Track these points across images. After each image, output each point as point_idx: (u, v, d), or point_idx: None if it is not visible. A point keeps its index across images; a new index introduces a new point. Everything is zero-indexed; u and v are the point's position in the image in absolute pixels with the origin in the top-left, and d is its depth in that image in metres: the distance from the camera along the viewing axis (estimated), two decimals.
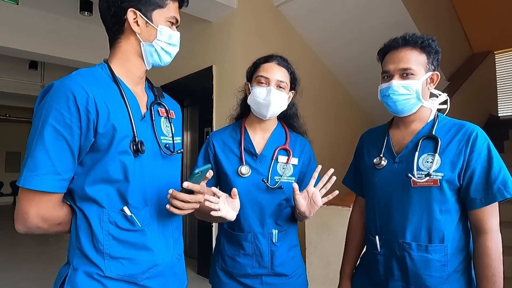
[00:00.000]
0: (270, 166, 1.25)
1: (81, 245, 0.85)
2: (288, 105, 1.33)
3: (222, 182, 1.32)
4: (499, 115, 5.89)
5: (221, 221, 1.24)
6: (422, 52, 1.07)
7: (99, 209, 0.86)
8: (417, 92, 1.06)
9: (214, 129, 3.54)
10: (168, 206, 0.89)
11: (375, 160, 1.16)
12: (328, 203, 2.52)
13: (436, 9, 4.46)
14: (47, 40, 4.74)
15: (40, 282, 3.56)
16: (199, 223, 3.78)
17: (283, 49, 3.78)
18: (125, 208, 0.87)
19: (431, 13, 4.21)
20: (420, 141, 1.07)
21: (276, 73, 1.24)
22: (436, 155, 1.03)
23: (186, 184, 0.86)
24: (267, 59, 1.29)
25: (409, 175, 1.04)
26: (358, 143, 1.33)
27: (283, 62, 1.28)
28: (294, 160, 1.29)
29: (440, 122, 1.10)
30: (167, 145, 0.99)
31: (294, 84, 1.32)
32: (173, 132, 1.03)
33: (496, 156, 1.01)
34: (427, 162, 1.04)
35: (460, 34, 5.39)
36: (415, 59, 1.06)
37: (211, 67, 3.60)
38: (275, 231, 1.24)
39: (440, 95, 1.14)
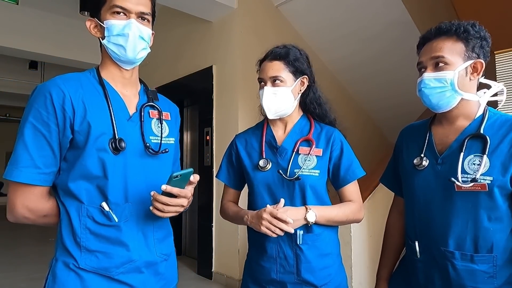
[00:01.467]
0: (290, 159, 1.17)
1: (62, 238, 0.90)
2: (305, 93, 1.25)
3: (246, 180, 1.28)
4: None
5: (241, 224, 1.19)
6: (458, 40, 0.97)
7: (78, 204, 0.90)
8: (452, 83, 0.95)
9: (215, 129, 3.55)
10: (151, 207, 0.91)
11: (415, 161, 1.05)
12: None
13: (435, 8, 4.46)
14: (47, 40, 4.74)
15: (40, 282, 3.52)
16: (199, 223, 3.78)
17: None
18: (104, 204, 0.90)
19: (430, 11, 4.21)
20: (466, 140, 0.96)
21: (268, 71, 1.18)
22: (485, 156, 0.92)
23: (164, 187, 0.87)
24: (263, 58, 1.24)
25: (453, 179, 0.94)
26: (397, 139, 1.22)
27: (277, 52, 1.19)
28: (318, 151, 1.18)
29: (490, 118, 0.97)
30: (148, 144, 0.98)
31: (299, 70, 1.20)
32: (162, 133, 1.04)
33: None
34: (474, 164, 0.93)
35: None
36: (449, 48, 0.96)
37: (211, 67, 3.60)
38: (299, 232, 1.12)
39: (494, 85, 1.02)
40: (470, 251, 0.94)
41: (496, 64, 6.13)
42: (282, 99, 1.17)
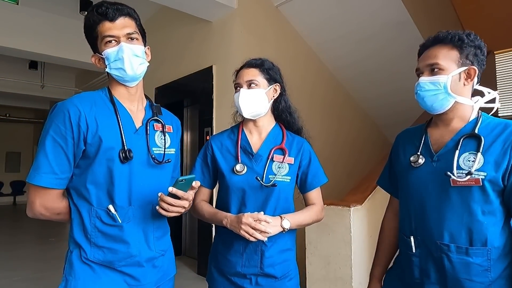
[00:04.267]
0: (265, 165, 1.27)
1: (73, 234, 1.05)
2: (277, 100, 1.36)
3: (220, 181, 1.34)
4: (499, 115, 5.88)
5: (219, 224, 1.25)
6: (453, 48, 1.05)
7: (89, 206, 1.04)
8: (445, 86, 1.03)
9: (214, 129, 3.54)
10: (157, 207, 1.04)
11: (412, 158, 1.12)
12: (328, 203, 2.52)
13: (437, 10, 4.47)
14: (47, 40, 4.74)
15: (40, 282, 3.56)
16: (199, 224, 3.78)
17: (283, 49, 3.80)
18: (110, 206, 1.04)
19: (432, 14, 4.21)
20: (462, 139, 1.02)
21: (244, 75, 1.31)
22: (479, 153, 0.98)
23: (170, 189, 1.00)
24: (240, 68, 1.36)
25: (448, 173, 1.00)
26: (394, 143, 1.28)
27: (253, 62, 1.32)
28: (290, 159, 1.30)
29: (483, 121, 1.05)
30: (153, 156, 1.11)
31: (273, 77, 1.33)
32: (165, 144, 1.16)
33: None
34: (469, 161, 1.00)
35: None
36: (444, 55, 1.04)
37: (211, 67, 3.60)
38: None
39: (489, 93, 1.11)
40: (465, 244, 0.98)
41: (496, 64, 6.13)
42: (257, 100, 1.28)
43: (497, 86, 6.04)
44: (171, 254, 1.23)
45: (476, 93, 1.12)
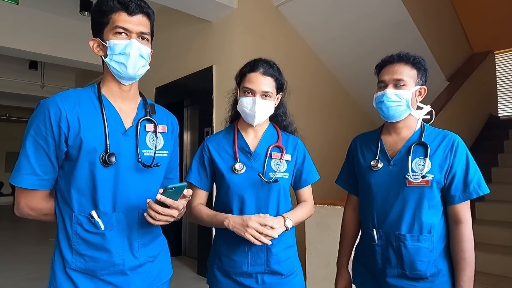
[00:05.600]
0: (264, 163, 1.29)
1: (58, 240, 1.02)
2: (277, 106, 1.37)
3: (218, 182, 1.34)
4: (499, 115, 5.88)
5: (219, 226, 1.24)
6: (413, 68, 1.25)
7: (70, 212, 1.00)
8: (407, 100, 1.23)
9: (214, 129, 3.55)
10: (145, 214, 0.98)
11: (372, 163, 1.31)
12: (328, 203, 2.52)
13: (437, 10, 4.47)
14: (47, 40, 4.74)
15: (40, 282, 3.56)
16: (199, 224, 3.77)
17: (283, 49, 3.80)
18: (93, 212, 0.99)
19: (432, 14, 4.21)
20: (412, 146, 1.24)
21: (260, 84, 1.26)
22: (427, 159, 1.21)
23: (158, 197, 0.94)
24: (252, 68, 1.29)
25: (406, 176, 1.22)
26: (351, 146, 1.47)
27: (268, 70, 1.28)
28: (287, 157, 1.33)
29: (426, 131, 1.28)
30: (140, 159, 1.05)
31: (280, 88, 1.35)
32: (157, 146, 1.10)
33: (472, 161, 1.23)
34: (420, 165, 1.22)
35: (460, 34, 5.40)
36: (407, 73, 1.24)
37: (211, 67, 3.60)
38: None
39: (423, 107, 1.31)
40: (417, 233, 1.22)
41: (496, 64, 6.13)
42: (268, 111, 1.31)
43: (497, 86, 6.04)
44: (165, 257, 1.18)
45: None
